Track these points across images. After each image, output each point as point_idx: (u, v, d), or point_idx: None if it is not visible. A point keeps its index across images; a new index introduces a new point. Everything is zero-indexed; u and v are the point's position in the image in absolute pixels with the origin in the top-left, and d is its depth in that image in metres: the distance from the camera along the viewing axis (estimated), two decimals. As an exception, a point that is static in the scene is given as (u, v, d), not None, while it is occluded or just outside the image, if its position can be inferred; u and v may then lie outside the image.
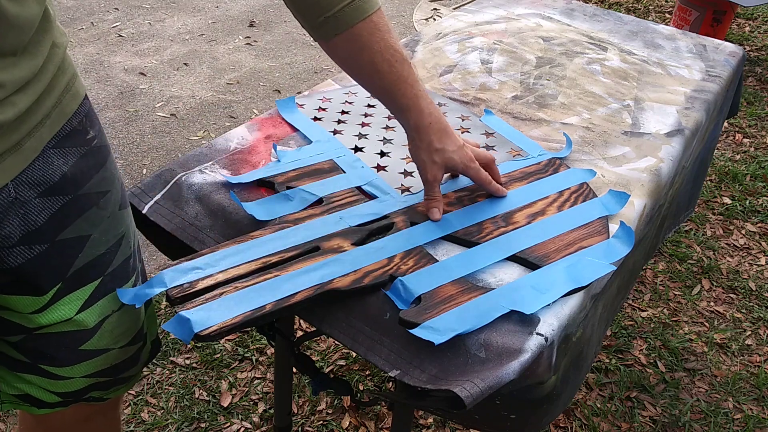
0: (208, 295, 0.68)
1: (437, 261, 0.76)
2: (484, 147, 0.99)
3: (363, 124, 1.03)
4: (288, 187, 0.86)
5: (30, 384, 0.77)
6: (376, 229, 0.80)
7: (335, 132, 1.00)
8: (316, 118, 1.04)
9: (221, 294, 0.68)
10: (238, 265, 0.72)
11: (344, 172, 0.91)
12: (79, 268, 0.71)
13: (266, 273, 0.71)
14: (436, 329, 0.65)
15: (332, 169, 0.91)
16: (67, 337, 0.74)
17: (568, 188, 0.90)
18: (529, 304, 0.70)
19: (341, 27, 0.70)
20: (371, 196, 0.87)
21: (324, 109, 1.06)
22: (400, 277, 0.72)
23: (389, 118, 1.05)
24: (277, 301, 0.68)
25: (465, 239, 0.80)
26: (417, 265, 0.74)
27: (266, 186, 0.88)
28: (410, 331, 0.66)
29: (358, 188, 0.88)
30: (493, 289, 0.72)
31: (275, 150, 0.94)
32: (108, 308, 0.76)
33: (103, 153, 0.72)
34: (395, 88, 0.74)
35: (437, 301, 0.69)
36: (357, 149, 0.97)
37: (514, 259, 0.77)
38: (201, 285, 0.69)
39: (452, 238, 0.80)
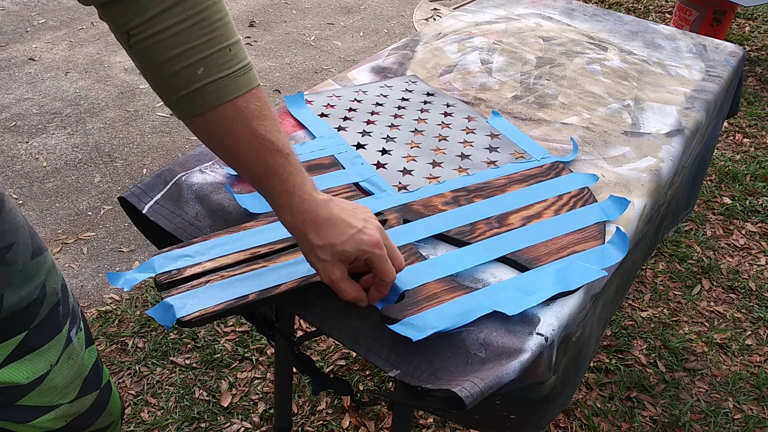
0: (194, 282, 0.69)
1: (426, 259, 0.75)
2: (487, 148, 0.99)
3: (368, 122, 1.03)
4: None
5: None
6: None
7: (340, 128, 1.01)
8: (323, 115, 1.04)
9: (207, 282, 0.69)
10: (228, 255, 0.73)
11: (344, 168, 0.91)
12: None
13: (254, 263, 0.72)
14: (416, 326, 0.65)
15: (332, 164, 0.91)
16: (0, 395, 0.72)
17: (568, 192, 0.90)
18: (512, 306, 0.69)
19: (197, 109, 0.60)
20: (368, 193, 0.87)
21: (332, 106, 1.07)
22: None
23: (395, 117, 1.05)
24: (260, 291, 0.68)
25: (456, 239, 0.79)
26: (405, 262, 0.74)
27: None
28: (389, 326, 0.66)
29: (356, 184, 0.88)
30: (479, 289, 0.72)
31: None
32: (43, 364, 0.74)
33: None
34: (265, 181, 0.64)
35: (420, 298, 0.69)
36: (359, 146, 0.97)
37: (505, 260, 0.77)
38: (189, 272, 0.70)
39: (444, 237, 0.80)
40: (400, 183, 0.89)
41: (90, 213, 2.11)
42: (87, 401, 0.81)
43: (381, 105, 1.08)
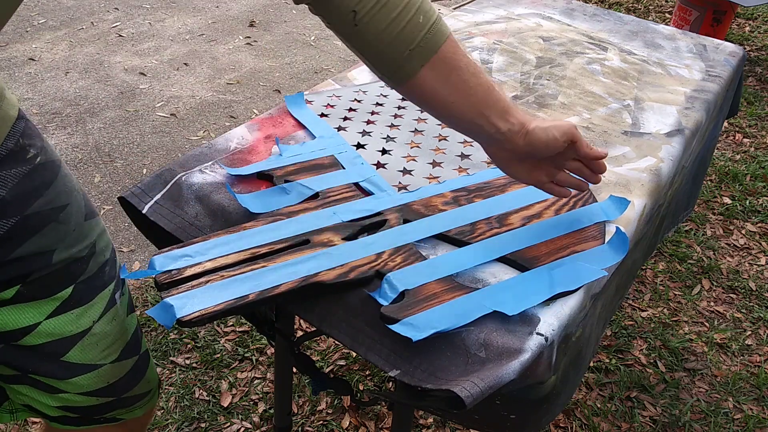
0: (194, 282, 0.69)
1: (426, 259, 0.75)
2: None
3: (368, 122, 1.03)
4: (286, 181, 0.86)
5: (25, 395, 0.78)
6: (368, 225, 0.80)
7: (340, 128, 1.01)
8: (323, 114, 1.04)
9: (207, 282, 0.69)
10: (228, 255, 0.73)
11: (344, 168, 0.91)
12: (43, 277, 0.71)
13: (254, 263, 0.72)
14: (416, 326, 0.65)
15: (332, 164, 0.91)
16: (45, 348, 0.74)
17: None
18: (512, 306, 0.69)
19: (427, 55, 0.66)
20: (368, 193, 0.87)
21: (332, 106, 1.07)
22: (386, 274, 0.72)
23: (395, 116, 1.05)
24: (260, 291, 0.68)
25: (457, 239, 0.79)
26: (405, 262, 0.74)
27: (268, 180, 0.88)
28: (389, 326, 0.66)
29: (356, 184, 0.88)
30: (478, 288, 0.72)
31: (278, 144, 0.94)
32: (87, 319, 0.76)
33: (50, 169, 0.71)
34: (491, 96, 0.70)
35: (420, 298, 0.69)
36: (359, 146, 0.97)
37: (505, 260, 0.77)
38: (189, 272, 0.70)
39: (444, 237, 0.80)
40: (400, 183, 0.89)
41: (90, 213, 2.11)
42: (127, 365, 0.84)
43: (381, 105, 1.09)
